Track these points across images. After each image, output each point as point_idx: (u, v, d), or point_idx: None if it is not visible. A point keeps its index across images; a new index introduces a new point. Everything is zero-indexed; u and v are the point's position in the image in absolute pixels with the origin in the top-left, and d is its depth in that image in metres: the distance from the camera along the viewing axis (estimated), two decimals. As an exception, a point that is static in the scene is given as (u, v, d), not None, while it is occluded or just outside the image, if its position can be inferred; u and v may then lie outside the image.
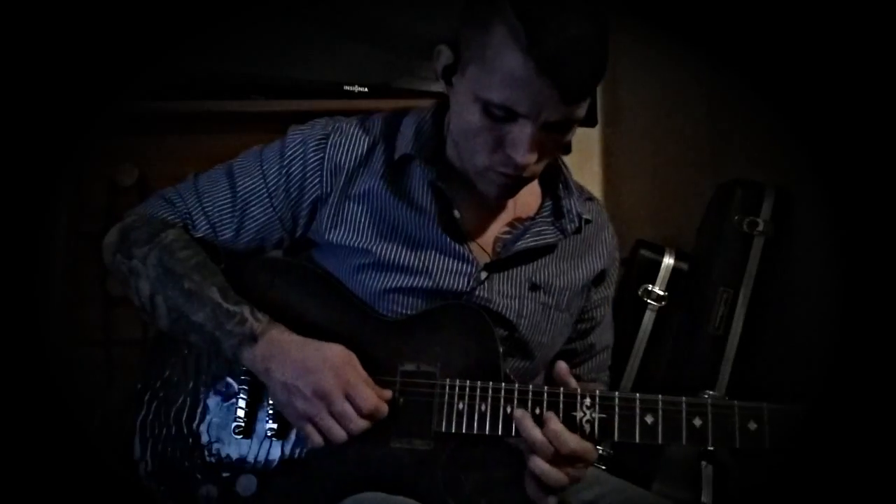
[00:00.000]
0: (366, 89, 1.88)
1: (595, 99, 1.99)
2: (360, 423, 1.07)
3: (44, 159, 1.24)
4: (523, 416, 1.07)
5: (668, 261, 1.91)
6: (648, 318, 1.89)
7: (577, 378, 1.15)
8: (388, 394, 1.10)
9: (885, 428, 0.94)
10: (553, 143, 1.10)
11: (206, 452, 1.14)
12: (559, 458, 1.05)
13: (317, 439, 1.07)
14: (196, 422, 1.15)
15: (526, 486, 1.08)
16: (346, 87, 1.88)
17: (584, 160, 2.07)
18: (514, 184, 1.14)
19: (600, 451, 1.83)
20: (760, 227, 1.81)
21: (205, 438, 1.15)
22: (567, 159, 1.29)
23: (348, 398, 1.06)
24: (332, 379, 1.06)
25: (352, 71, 1.89)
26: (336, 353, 1.09)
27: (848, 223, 1.42)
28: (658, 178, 2.13)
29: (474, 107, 1.06)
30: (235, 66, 1.85)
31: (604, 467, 1.67)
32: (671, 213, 2.09)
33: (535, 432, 1.05)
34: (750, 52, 1.81)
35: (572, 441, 1.05)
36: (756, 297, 1.79)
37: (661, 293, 1.89)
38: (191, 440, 1.15)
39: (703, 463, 1.77)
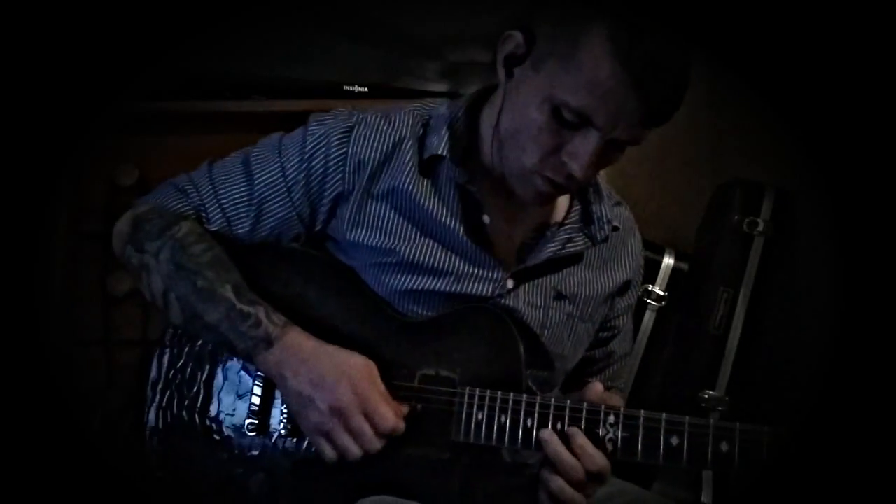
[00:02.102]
0: (366, 89, 1.88)
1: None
2: (377, 444, 1.03)
3: (44, 159, 1.24)
4: (551, 437, 1.02)
5: (668, 261, 1.90)
6: (648, 318, 1.88)
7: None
8: (407, 409, 1.06)
9: (884, 427, 0.94)
10: (607, 160, 1.05)
11: (218, 447, 1.12)
12: (582, 478, 1.01)
13: (330, 454, 1.04)
14: (209, 415, 1.13)
15: (540, 502, 1.04)
16: (346, 87, 1.88)
17: (584, 160, 2.07)
18: (557, 192, 1.09)
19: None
20: (760, 227, 1.81)
21: (217, 432, 1.12)
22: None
23: (366, 416, 1.02)
24: (349, 394, 1.02)
25: (352, 71, 1.89)
26: (355, 365, 1.05)
27: (848, 223, 1.42)
28: (658, 178, 2.13)
29: (543, 105, 1.00)
30: (235, 66, 1.85)
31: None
32: (671, 213, 2.09)
33: (565, 454, 1.01)
34: (750, 52, 1.81)
35: (599, 458, 1.01)
36: (756, 297, 1.79)
37: (661, 293, 1.89)
38: (203, 433, 1.12)
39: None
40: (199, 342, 1.14)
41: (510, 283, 1.14)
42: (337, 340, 1.07)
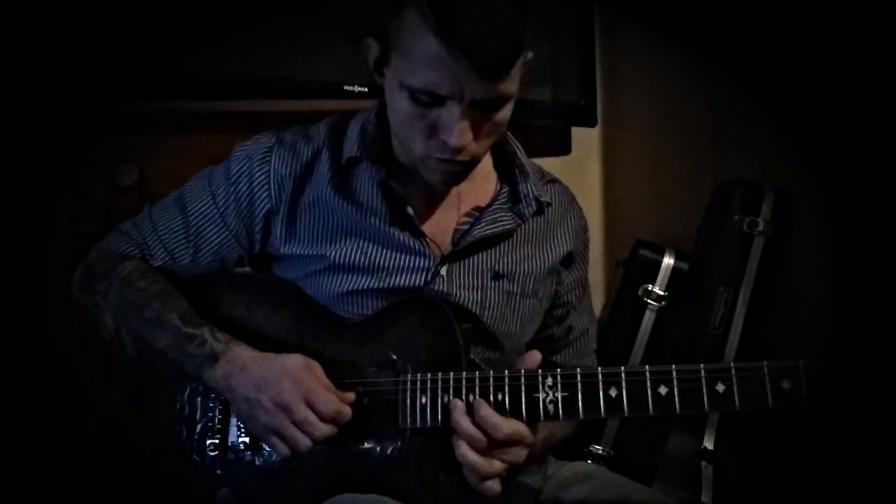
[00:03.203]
0: (366, 89, 1.88)
1: (595, 99, 1.99)
2: (324, 429, 1.07)
3: (44, 159, 1.24)
4: (455, 406, 1.06)
5: (668, 261, 1.91)
6: (648, 318, 1.88)
7: (558, 366, 1.14)
8: (351, 396, 1.10)
9: (884, 427, 0.94)
10: (489, 122, 1.09)
11: (186, 468, 1.15)
12: (494, 444, 1.04)
13: (283, 450, 1.08)
14: (175, 440, 1.17)
15: (466, 476, 1.07)
16: (346, 87, 1.88)
17: (584, 160, 2.07)
18: (457, 169, 1.12)
19: (600, 451, 1.83)
20: (760, 227, 1.81)
21: (185, 455, 1.16)
22: (567, 159, 1.29)
23: (309, 405, 1.07)
24: (291, 388, 1.07)
25: (352, 71, 1.88)
26: (295, 361, 1.10)
27: (847, 223, 1.42)
28: (658, 178, 2.13)
29: (402, 95, 1.07)
30: (235, 66, 1.85)
31: (603, 466, 1.67)
32: (671, 213, 2.09)
33: (465, 422, 1.04)
34: (750, 53, 1.81)
35: (504, 426, 1.04)
36: (756, 297, 1.79)
37: (661, 293, 1.89)
38: (171, 458, 1.16)
39: (703, 463, 1.77)
40: (159, 379, 1.18)
41: (443, 270, 1.19)
42: (283, 351, 1.12)
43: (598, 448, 1.84)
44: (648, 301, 1.88)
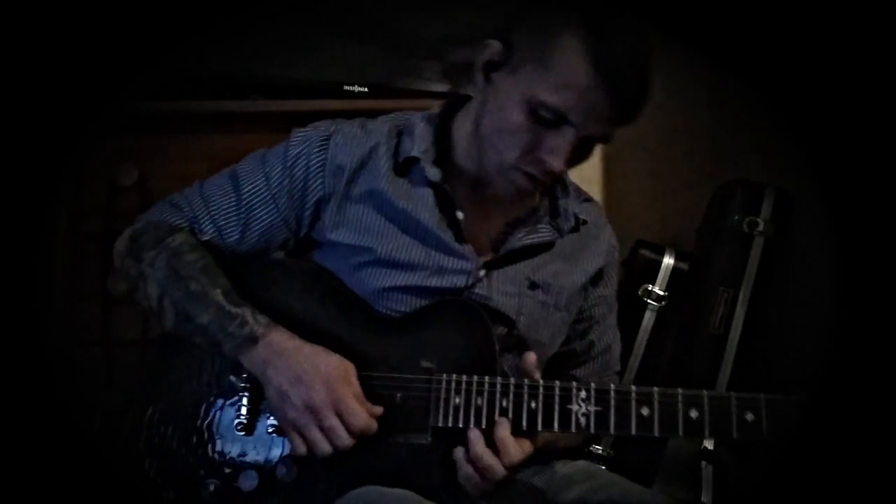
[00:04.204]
0: (366, 89, 1.88)
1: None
2: (347, 441, 1.07)
3: (44, 159, 1.25)
4: (478, 438, 1.07)
5: (668, 261, 1.91)
6: (648, 318, 1.89)
7: (576, 380, 1.14)
8: (380, 410, 1.10)
9: (884, 427, 0.94)
10: (578, 157, 1.14)
11: (209, 449, 1.15)
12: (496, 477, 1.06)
13: (301, 449, 1.09)
14: (200, 420, 1.16)
15: (459, 479, 1.08)
16: (346, 87, 1.88)
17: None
18: (533, 187, 1.16)
19: (600, 451, 1.83)
20: (760, 227, 1.81)
21: (208, 436, 1.16)
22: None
23: (339, 415, 1.07)
24: (323, 393, 1.07)
25: (352, 71, 1.89)
26: (332, 365, 1.10)
27: (847, 223, 1.42)
28: (658, 178, 2.13)
29: (519, 104, 1.09)
30: (235, 66, 1.85)
31: (603, 466, 1.68)
32: (671, 213, 2.09)
33: (486, 455, 1.06)
34: (750, 53, 1.81)
35: (516, 454, 1.06)
36: (756, 297, 1.79)
37: (661, 293, 1.89)
38: (195, 438, 1.16)
39: (703, 463, 1.77)
40: (190, 350, 1.18)
41: (482, 273, 1.20)
42: (319, 341, 1.13)
43: (598, 448, 1.84)
44: (648, 301, 1.89)
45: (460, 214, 1.20)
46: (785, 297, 1.80)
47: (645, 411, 1.06)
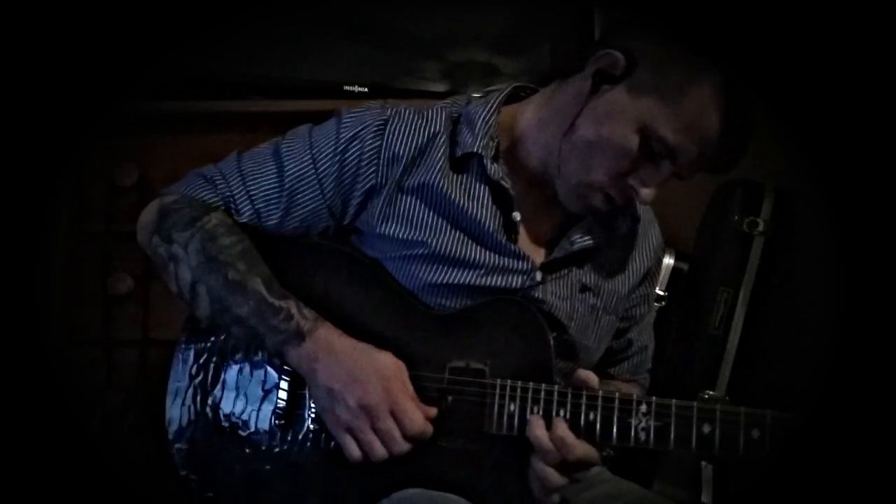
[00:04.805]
0: (366, 89, 1.88)
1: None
2: (404, 446, 1.03)
3: (44, 159, 1.24)
4: (535, 421, 1.04)
5: (668, 261, 1.90)
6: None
7: (612, 377, 1.13)
8: (434, 412, 1.06)
9: (884, 427, 0.94)
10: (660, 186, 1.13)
11: (243, 443, 1.11)
12: (566, 464, 1.03)
13: (355, 453, 1.04)
14: (234, 412, 1.12)
15: (531, 483, 1.05)
16: (346, 87, 1.88)
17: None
18: (607, 209, 1.12)
19: (601, 452, 1.83)
20: (760, 227, 1.81)
21: (242, 428, 1.11)
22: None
23: (394, 417, 1.03)
24: (380, 392, 1.03)
25: (352, 71, 1.89)
26: (387, 364, 1.05)
27: (848, 223, 1.42)
28: (658, 178, 2.12)
29: (632, 131, 1.05)
30: (235, 66, 1.86)
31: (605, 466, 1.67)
32: (671, 213, 2.09)
33: (545, 439, 1.03)
34: (749, 52, 1.81)
35: (578, 449, 1.02)
36: (756, 297, 1.79)
37: (661, 293, 1.89)
38: (228, 430, 1.11)
39: (703, 463, 1.77)
40: (222, 338, 1.13)
41: (538, 276, 1.14)
42: (365, 334, 1.08)
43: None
44: (648, 301, 1.88)
45: (517, 215, 1.14)
46: (785, 296, 1.80)
47: (706, 429, 1.01)
